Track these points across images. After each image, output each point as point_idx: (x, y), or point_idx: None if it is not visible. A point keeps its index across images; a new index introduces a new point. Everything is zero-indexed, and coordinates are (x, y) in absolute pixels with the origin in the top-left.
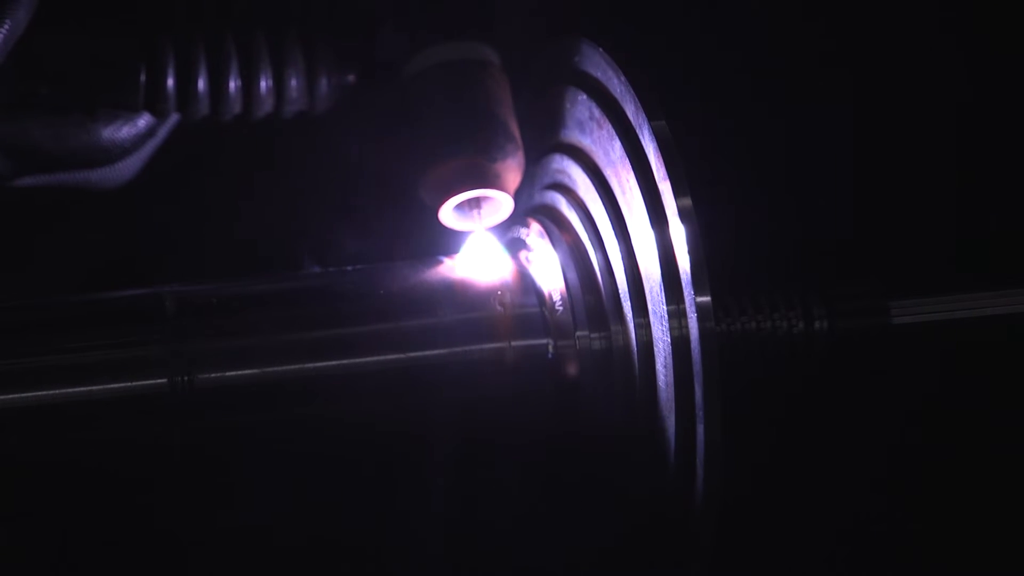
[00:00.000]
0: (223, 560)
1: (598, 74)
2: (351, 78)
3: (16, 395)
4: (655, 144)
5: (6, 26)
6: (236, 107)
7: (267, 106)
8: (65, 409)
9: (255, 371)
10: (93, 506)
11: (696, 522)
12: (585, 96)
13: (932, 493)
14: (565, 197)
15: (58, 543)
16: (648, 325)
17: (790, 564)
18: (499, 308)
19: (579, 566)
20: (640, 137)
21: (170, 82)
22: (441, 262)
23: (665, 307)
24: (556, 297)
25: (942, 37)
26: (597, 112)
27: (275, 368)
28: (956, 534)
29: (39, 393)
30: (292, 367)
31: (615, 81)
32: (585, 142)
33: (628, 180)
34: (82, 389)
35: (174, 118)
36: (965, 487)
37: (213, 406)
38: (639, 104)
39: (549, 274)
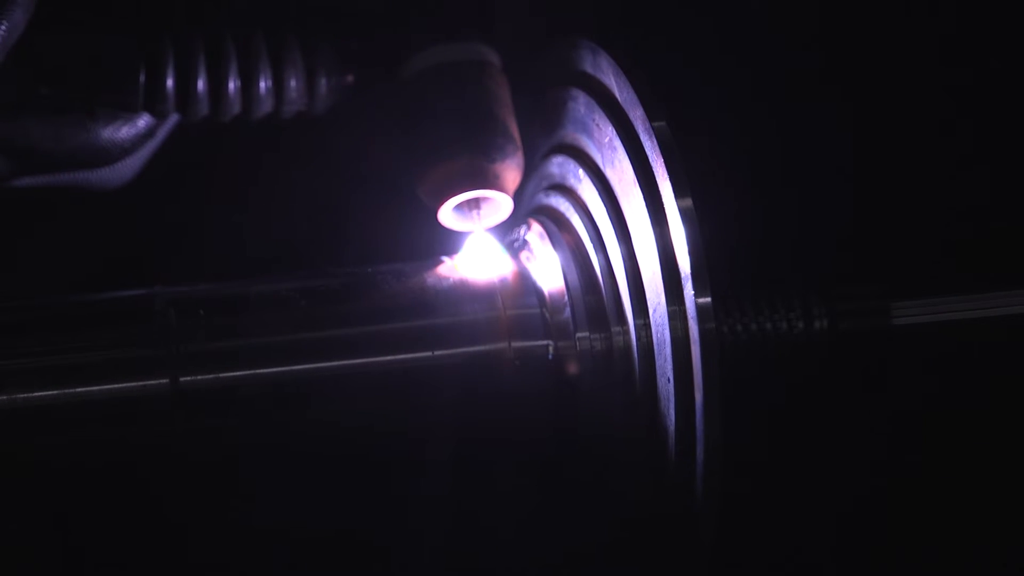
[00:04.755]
0: (222, 560)
1: (598, 75)
2: (350, 79)
3: (15, 395)
4: (655, 144)
5: (3, 27)
6: (235, 108)
7: (266, 106)
8: (65, 409)
9: (255, 371)
10: (93, 506)
11: (696, 522)
12: (586, 97)
13: (933, 493)
14: (566, 198)
15: (58, 543)
16: (648, 326)
17: (789, 563)
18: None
19: (579, 566)
20: (641, 137)
21: (169, 83)
22: (441, 262)
23: (665, 308)
24: (556, 298)
25: (942, 36)
26: (597, 113)
27: (275, 369)
28: (956, 534)
29: (39, 393)
30: (292, 368)
31: (615, 82)
32: (585, 142)
33: (629, 180)
34: (82, 389)
35: (174, 119)
36: (966, 488)
37: (213, 406)
38: (640, 105)
39: (549, 275)
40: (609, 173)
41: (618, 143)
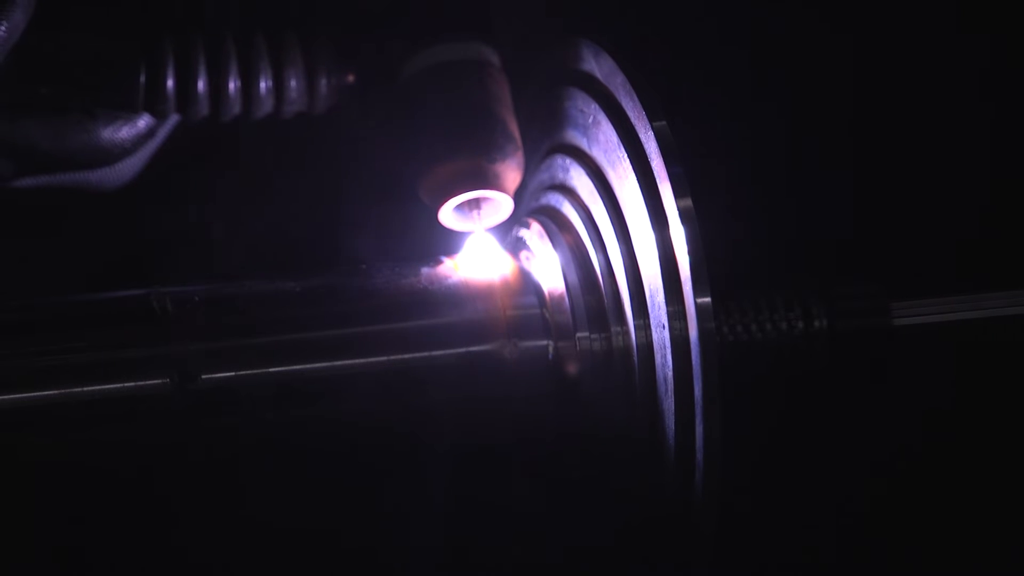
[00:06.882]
0: (224, 559)
1: (599, 74)
2: (350, 78)
3: (17, 395)
4: (655, 145)
5: (3, 27)
6: (236, 108)
7: (266, 107)
8: (65, 409)
9: (256, 371)
10: (93, 506)
11: (696, 522)
12: (586, 96)
13: (933, 494)
14: (566, 198)
15: (58, 543)
16: (648, 326)
17: (789, 564)
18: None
19: (579, 565)
20: (641, 138)
21: (170, 83)
22: (441, 262)
23: (665, 308)
24: (556, 297)
25: (943, 36)
26: (598, 113)
27: (276, 368)
28: (956, 534)
29: (39, 393)
30: (293, 367)
31: (616, 81)
32: (585, 143)
33: (628, 181)
34: (84, 389)
35: (174, 119)
36: (965, 488)
37: (215, 406)
38: (639, 105)
39: (549, 274)
40: (609, 173)
41: (618, 143)
